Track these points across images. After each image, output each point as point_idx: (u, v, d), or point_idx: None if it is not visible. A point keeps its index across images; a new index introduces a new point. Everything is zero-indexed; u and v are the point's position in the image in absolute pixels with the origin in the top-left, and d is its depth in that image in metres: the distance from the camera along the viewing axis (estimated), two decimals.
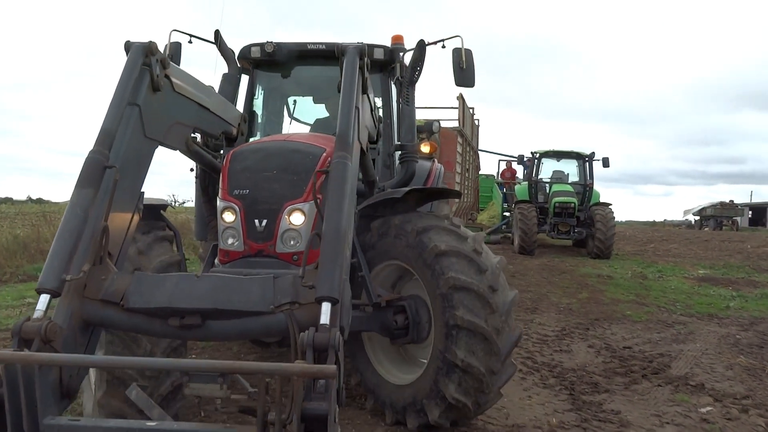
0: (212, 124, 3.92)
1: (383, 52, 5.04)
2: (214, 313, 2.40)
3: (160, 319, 2.43)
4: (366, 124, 3.42)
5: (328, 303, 2.20)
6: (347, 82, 2.97)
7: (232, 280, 2.49)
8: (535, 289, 10.76)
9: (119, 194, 2.70)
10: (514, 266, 14.16)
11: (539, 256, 16.53)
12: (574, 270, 13.63)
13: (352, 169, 2.77)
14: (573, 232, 17.27)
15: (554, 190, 17.74)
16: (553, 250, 18.70)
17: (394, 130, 5.21)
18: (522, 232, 16.70)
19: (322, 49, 5.03)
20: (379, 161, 5.15)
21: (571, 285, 11.32)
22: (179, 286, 2.46)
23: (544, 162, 19.15)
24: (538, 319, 8.13)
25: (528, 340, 6.89)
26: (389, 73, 5.22)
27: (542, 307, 8.98)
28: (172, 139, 3.35)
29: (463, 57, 4.76)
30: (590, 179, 18.19)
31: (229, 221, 3.51)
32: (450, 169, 11.15)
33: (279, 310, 2.36)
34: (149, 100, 2.98)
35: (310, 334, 2.03)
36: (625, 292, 10.67)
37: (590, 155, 18.31)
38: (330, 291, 2.22)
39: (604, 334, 7.32)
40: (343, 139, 2.76)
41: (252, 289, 2.43)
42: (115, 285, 2.45)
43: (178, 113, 3.34)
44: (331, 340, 2.01)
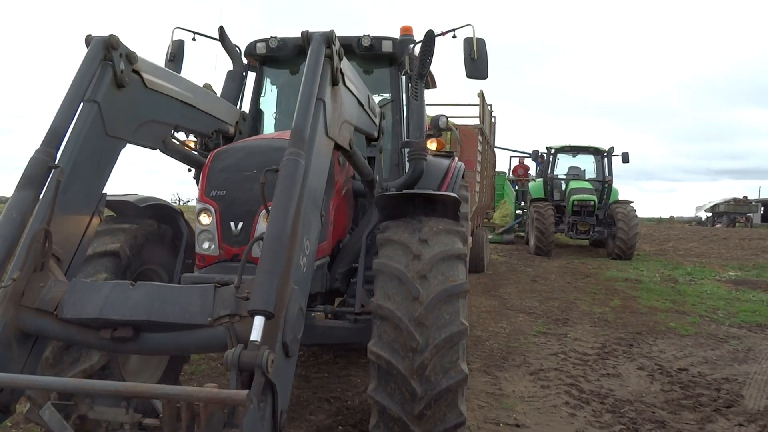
0: (200, 122, 3.75)
1: (392, 44, 4.80)
2: (148, 325, 2.25)
3: (94, 330, 2.29)
4: (347, 120, 3.11)
5: (261, 317, 1.99)
6: (309, 73, 2.63)
7: (170, 290, 2.34)
8: (562, 296, 9.88)
9: (72, 195, 2.59)
10: (533, 269, 13.28)
11: (557, 257, 15.64)
12: (598, 273, 12.73)
13: (312, 168, 2.48)
14: (593, 232, 16.34)
15: (572, 187, 16.80)
16: (570, 250, 17.78)
17: (404, 126, 4.95)
18: (538, 232, 15.80)
19: None
20: (387, 159, 4.92)
21: (599, 291, 10.43)
22: (112, 295, 2.29)
23: (559, 158, 18.23)
24: (573, 332, 7.25)
25: (566, 360, 6.02)
26: (399, 66, 4.95)
27: (573, 318, 8.10)
28: (145, 138, 3.20)
29: (474, 47, 4.51)
30: (609, 175, 17.25)
31: (204, 224, 3.30)
32: (471, 168, 10.32)
33: (218, 323, 2.17)
34: (112, 97, 2.81)
35: (235, 353, 1.86)
36: (659, 298, 9.78)
37: (609, 150, 17.35)
38: (263, 304, 2.01)
39: (651, 351, 6.43)
40: (297, 135, 2.44)
41: (190, 300, 2.25)
42: (51, 293, 2.31)
43: (152, 111, 3.18)
44: (258, 360, 1.83)
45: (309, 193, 2.44)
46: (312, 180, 2.46)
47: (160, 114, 3.28)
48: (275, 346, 1.99)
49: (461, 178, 5.78)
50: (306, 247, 2.36)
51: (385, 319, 3.03)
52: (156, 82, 3.15)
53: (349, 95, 3.14)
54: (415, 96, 4.60)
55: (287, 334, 2.07)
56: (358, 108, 3.43)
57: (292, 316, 2.11)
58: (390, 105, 5.08)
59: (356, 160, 3.66)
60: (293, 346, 2.13)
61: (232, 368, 1.84)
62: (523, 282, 11.37)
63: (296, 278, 2.22)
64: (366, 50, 4.80)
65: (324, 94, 2.65)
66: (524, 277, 11.95)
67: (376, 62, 5.07)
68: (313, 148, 2.51)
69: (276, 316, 2.02)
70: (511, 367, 5.75)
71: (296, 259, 2.24)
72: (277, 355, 1.97)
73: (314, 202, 2.54)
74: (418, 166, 4.51)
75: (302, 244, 2.31)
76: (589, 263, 14.49)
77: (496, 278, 11.77)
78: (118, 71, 2.81)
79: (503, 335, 7.05)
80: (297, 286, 2.20)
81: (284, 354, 2.07)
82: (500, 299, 9.41)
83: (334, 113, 2.81)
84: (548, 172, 17.82)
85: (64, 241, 2.56)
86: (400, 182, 4.63)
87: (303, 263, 2.32)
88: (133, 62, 2.92)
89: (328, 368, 5.60)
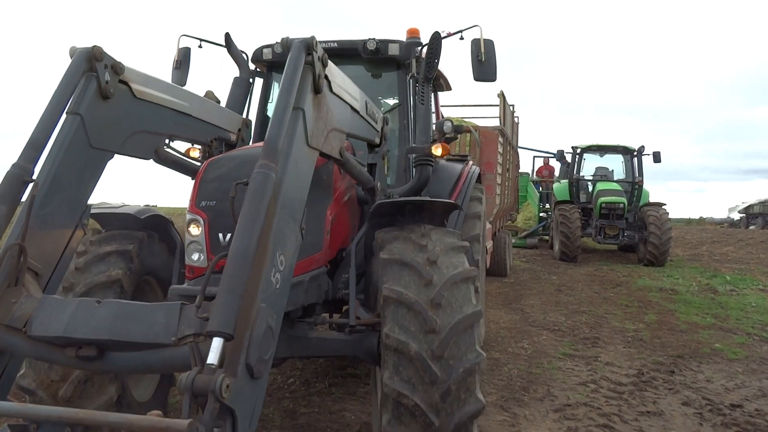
0: (197, 130, 3.73)
1: (398, 47, 4.77)
2: (112, 344, 2.19)
3: (61, 348, 2.24)
4: (336, 127, 3.00)
5: (219, 339, 1.89)
6: (285, 82, 2.50)
7: (136, 308, 2.28)
8: (590, 308, 9.00)
9: (52, 209, 2.60)
10: (558, 277, 12.40)
11: (583, 264, 14.71)
12: (629, 282, 11.79)
13: (289, 179, 2.40)
14: (622, 236, 15.34)
15: (599, 189, 15.83)
16: (597, 255, 16.80)
17: (410, 131, 4.89)
18: (564, 236, 14.88)
19: (335, 48, 4.80)
20: (394, 165, 4.93)
21: (631, 303, 9.52)
22: (77, 313, 2.24)
23: (586, 158, 17.26)
24: (604, 355, 6.39)
25: (597, 391, 5.19)
26: (406, 69, 4.91)
27: (604, 337, 7.23)
28: (135, 148, 3.19)
29: (482, 48, 4.45)
30: (639, 176, 16.25)
31: (194, 235, 3.21)
32: (491, 171, 10.13)
33: (182, 343, 2.07)
34: (97, 109, 2.80)
35: (189, 377, 1.78)
36: (699, 312, 8.85)
37: (639, 149, 16.34)
38: (221, 325, 1.90)
39: (696, 380, 5.56)
40: (269, 147, 2.33)
41: (155, 319, 2.18)
42: (21, 310, 2.29)
43: (142, 121, 3.16)
44: (212, 385, 1.75)
45: (284, 206, 2.33)
46: (289, 192, 2.36)
47: (152, 124, 3.26)
48: (237, 368, 1.91)
49: (475, 182, 5.75)
50: (280, 263, 2.26)
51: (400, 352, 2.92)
52: (146, 92, 3.13)
53: (338, 102, 3.02)
54: (421, 100, 4.52)
55: (252, 355, 1.97)
56: (352, 114, 3.33)
57: (258, 336, 2.01)
58: (397, 109, 4.98)
59: (350, 167, 3.54)
60: (260, 367, 2.02)
61: (185, 393, 1.78)
62: (547, 292, 10.50)
63: (265, 296, 2.13)
64: (372, 54, 4.77)
65: (303, 102, 2.53)
66: (548, 287, 11.08)
67: (383, 66, 5.03)
68: (290, 160, 2.40)
69: (239, 337, 1.95)
70: (532, 400, 4.94)
71: (266, 276, 2.14)
72: (239, 377, 1.90)
73: (291, 215, 2.41)
74: (424, 172, 4.43)
75: (274, 259, 2.21)
76: (619, 270, 13.53)
77: (517, 287, 10.92)
78: (103, 82, 2.79)
79: (524, 358, 6.23)
80: (266, 304, 2.10)
81: (249, 376, 1.97)
82: (522, 313, 8.57)
83: (317, 122, 2.70)
84: (574, 172, 16.87)
85: (43, 255, 2.54)
86: (405, 188, 4.53)
87: (275, 280, 2.21)
88: (119, 73, 2.90)
89: (320, 401, 4.86)
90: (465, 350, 2.93)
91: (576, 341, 6.99)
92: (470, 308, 3.03)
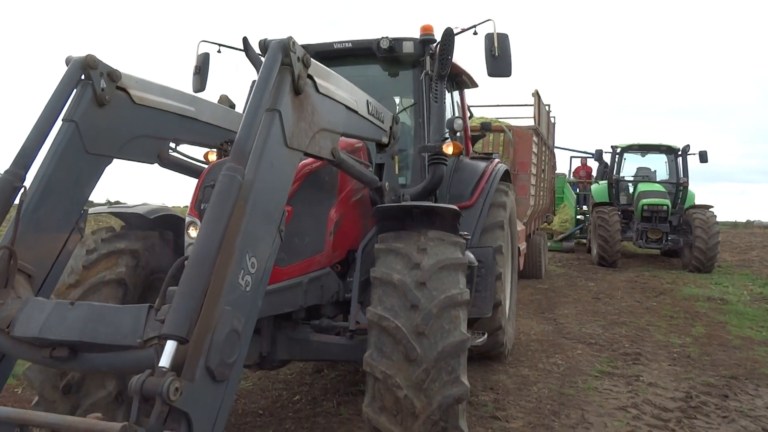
0: (204, 134, 3.79)
1: (412, 45, 4.73)
2: (83, 345, 2.23)
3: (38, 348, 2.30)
4: (326, 128, 2.96)
5: (173, 342, 1.89)
6: (259, 83, 2.44)
7: (106, 310, 2.30)
8: (631, 319, 8.30)
9: (46, 213, 2.69)
10: (596, 283, 11.67)
11: (623, 269, 13.90)
12: (673, 289, 10.99)
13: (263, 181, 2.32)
14: (666, 241, 14.44)
15: (641, 190, 14.95)
16: (639, 260, 15.92)
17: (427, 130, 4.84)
18: (602, 240, 14.08)
19: (349, 48, 4.87)
20: (410, 165, 4.93)
21: (676, 313, 8.77)
22: (52, 315, 2.30)
23: (626, 157, 16.38)
24: (646, 374, 5.75)
25: (639, 419, 4.58)
26: (421, 67, 4.84)
27: (647, 352, 6.56)
28: (135, 153, 3.28)
29: (495, 43, 4.39)
30: (684, 177, 15.31)
31: (192, 237, 3.21)
32: (524, 171, 10.08)
33: (148, 345, 2.09)
34: (92, 115, 2.89)
35: (139, 380, 1.79)
36: (753, 325, 8.07)
37: (684, 148, 15.40)
38: (174, 328, 1.90)
39: (754, 407, 4.88)
40: (238, 149, 2.28)
41: (123, 321, 2.21)
42: (6, 311, 2.36)
43: (142, 126, 3.26)
44: (159, 389, 1.74)
45: (256, 208, 2.28)
46: (262, 194, 2.32)
47: (153, 129, 3.33)
48: (195, 371, 1.90)
49: (499, 180, 5.63)
50: (250, 265, 2.22)
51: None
52: (145, 98, 3.22)
53: (327, 102, 2.96)
54: (435, 98, 4.48)
55: (212, 358, 1.96)
56: (348, 114, 3.27)
57: (220, 340, 1.99)
58: (413, 108, 4.95)
59: (348, 168, 3.46)
60: (222, 371, 2.01)
61: (134, 396, 1.77)
62: (584, 300, 9.82)
63: (231, 298, 2.10)
64: (386, 53, 4.74)
65: (280, 104, 2.50)
66: (585, 294, 10.38)
67: (399, 64, 4.98)
68: (263, 161, 2.37)
69: (199, 340, 1.94)
70: (564, 428, 4.36)
71: (231, 278, 2.11)
72: (198, 381, 1.89)
73: (265, 216, 2.36)
74: (437, 171, 4.40)
75: (242, 262, 2.17)
76: (662, 277, 12.69)
77: (551, 294, 10.26)
78: (98, 90, 2.89)
79: (556, 376, 5.64)
80: (231, 306, 2.07)
81: (210, 379, 1.95)
82: (555, 323, 7.93)
83: (299, 123, 2.66)
84: (613, 173, 16.02)
85: (37, 258, 2.63)
86: (418, 188, 4.48)
87: (244, 282, 2.17)
88: (115, 80, 2.99)
89: (325, 422, 4.39)
90: (447, 380, 2.92)
91: (615, 357, 6.35)
92: (457, 336, 2.99)
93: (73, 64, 2.83)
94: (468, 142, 6.33)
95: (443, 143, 4.44)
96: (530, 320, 8.06)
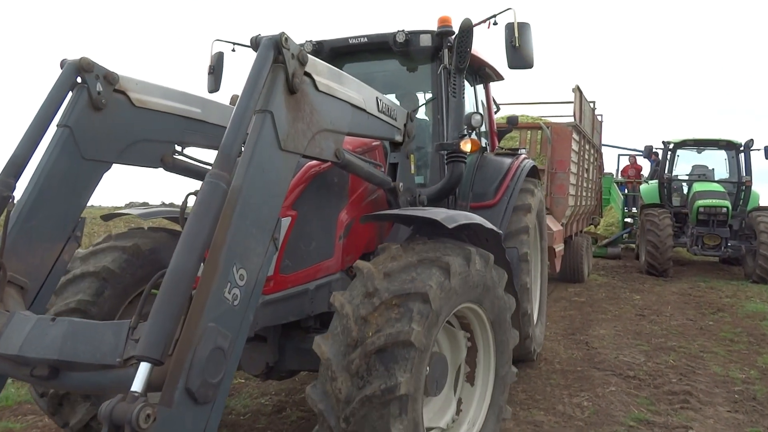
0: (213, 136, 3.59)
1: (430, 38, 4.57)
2: (61, 364, 2.19)
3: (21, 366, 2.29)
4: (327, 128, 2.79)
5: (147, 364, 1.81)
6: (248, 83, 2.31)
7: (86, 327, 2.24)
8: (681, 343, 6.91)
9: (40, 222, 2.65)
10: (642, 296, 10.23)
11: (676, 279, 12.34)
12: (734, 305, 9.45)
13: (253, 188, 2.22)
14: (725, 247, 12.77)
15: (696, 191, 13.32)
16: (694, 269, 14.26)
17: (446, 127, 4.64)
18: (651, 246, 12.56)
19: (365, 43, 4.79)
20: (429, 163, 4.80)
21: (738, 336, 7.32)
22: (32, 332, 2.25)
23: (680, 154, 14.72)
24: (698, 425, 4.44)
25: None
26: (440, 61, 4.66)
27: (699, 391, 5.22)
28: (136, 158, 3.19)
29: (516, 33, 4.20)
30: (747, 175, 13.59)
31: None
32: (563, 169, 9.65)
33: (128, 364, 2.02)
34: (88, 120, 2.85)
35: (109, 405, 1.73)
36: None
37: (747, 143, 13.68)
38: (148, 349, 1.81)
39: None
40: (223, 154, 2.17)
41: (104, 338, 2.15)
42: None
43: (143, 130, 3.17)
44: (129, 416, 1.67)
45: (244, 217, 2.16)
46: (252, 201, 2.20)
47: (155, 132, 3.25)
48: (174, 394, 1.80)
49: (525, 177, 5.48)
50: (239, 278, 2.10)
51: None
52: (147, 100, 3.16)
53: (329, 101, 2.82)
54: (453, 93, 4.40)
55: (193, 378, 1.84)
56: (354, 113, 3.11)
57: (201, 359, 1.87)
58: (432, 104, 4.78)
59: (355, 168, 3.31)
60: (205, 392, 1.89)
61: (103, 423, 1.72)
62: (626, 317, 8.44)
63: (216, 314, 1.98)
64: (403, 47, 4.58)
65: (272, 104, 2.36)
66: (628, 310, 8.98)
67: (416, 59, 4.81)
68: (252, 166, 2.23)
69: (179, 360, 1.84)
70: None
71: (216, 293, 1.99)
72: (176, 404, 1.80)
73: (256, 225, 2.23)
74: (456, 170, 4.28)
75: (228, 274, 2.05)
76: (721, 289, 11.11)
77: (588, 309, 8.92)
78: (94, 93, 2.84)
79: (578, 425, 4.40)
80: (216, 323, 1.95)
81: (191, 401, 1.85)
82: (587, 348, 6.63)
83: (295, 123, 2.52)
84: (665, 171, 14.40)
85: (31, 269, 2.59)
86: (436, 188, 4.34)
87: (231, 296, 2.05)
88: (113, 83, 2.95)
89: None
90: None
91: (657, 397, 5.05)
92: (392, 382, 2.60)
93: (67, 67, 2.78)
94: (494, 137, 6.15)
95: (461, 140, 4.21)
96: (557, 343, 6.79)
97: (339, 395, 2.56)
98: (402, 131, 3.89)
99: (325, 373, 2.64)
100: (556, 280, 11.76)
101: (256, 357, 3.41)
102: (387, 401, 2.52)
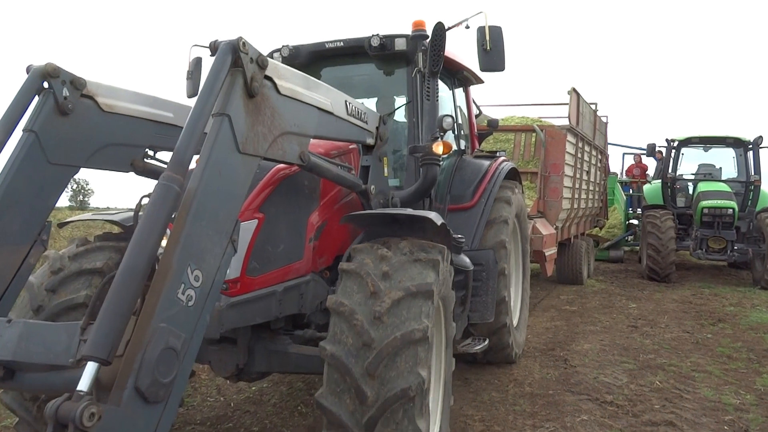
0: None
1: (405, 42, 4.60)
2: (15, 365, 2.26)
3: None
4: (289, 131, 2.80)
5: (94, 364, 1.81)
6: (205, 87, 2.33)
7: (41, 328, 2.31)
8: (671, 360, 6.23)
9: (4, 226, 2.66)
10: (639, 304, 9.55)
11: (678, 285, 11.62)
12: (737, 314, 8.74)
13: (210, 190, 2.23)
14: (731, 251, 12.01)
15: (701, 191, 12.57)
16: (700, 273, 13.50)
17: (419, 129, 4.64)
18: (652, 250, 11.85)
19: (341, 47, 4.80)
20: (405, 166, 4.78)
21: (736, 352, 6.63)
22: None
23: (684, 152, 13.97)
24: None
25: None
26: (414, 64, 4.64)
27: (685, 420, 4.56)
28: (105, 162, 3.23)
29: (487, 37, 4.27)
30: (756, 174, 12.81)
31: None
32: (556, 173, 9.47)
33: (80, 365, 1.96)
34: (55, 125, 2.87)
35: (55, 404, 1.72)
36: None
37: (756, 140, 12.91)
38: (94, 349, 1.81)
39: None
40: (176, 157, 2.18)
41: (57, 339, 2.21)
42: None
43: (112, 134, 3.21)
44: (72, 414, 1.67)
45: (200, 218, 2.17)
46: (208, 203, 2.20)
47: (124, 136, 3.27)
48: (122, 393, 1.81)
49: (504, 179, 5.58)
50: (194, 279, 2.10)
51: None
52: (115, 105, 3.18)
53: (292, 104, 2.83)
54: (427, 96, 4.37)
55: (143, 378, 1.85)
56: (321, 116, 3.12)
57: (152, 358, 1.88)
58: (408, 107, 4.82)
59: (322, 171, 3.29)
60: (155, 391, 1.90)
61: (49, 422, 1.72)
62: (616, 329, 7.77)
63: (168, 315, 1.99)
64: (378, 50, 4.64)
65: (229, 108, 2.36)
66: (620, 320, 8.30)
67: (392, 62, 4.89)
68: (208, 168, 2.23)
69: (129, 359, 1.85)
70: None
71: (168, 293, 1.99)
72: (125, 403, 1.81)
73: (212, 227, 2.22)
74: (430, 172, 4.23)
75: (182, 275, 2.05)
76: (725, 296, 10.38)
77: (576, 320, 8.26)
78: (60, 98, 2.86)
79: None
80: (168, 323, 1.96)
81: (141, 400, 1.85)
82: (564, 366, 5.98)
83: (254, 127, 2.52)
84: (669, 170, 13.67)
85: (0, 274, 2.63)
86: (410, 190, 4.35)
87: (185, 297, 2.05)
88: (80, 88, 2.97)
89: None
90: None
91: (635, 428, 4.40)
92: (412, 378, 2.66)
93: (33, 72, 2.80)
94: (474, 140, 6.20)
95: (433, 143, 4.22)
96: (533, 360, 6.15)
97: (357, 398, 2.58)
98: (374, 134, 3.96)
99: (337, 377, 2.65)
100: (555, 282, 11.23)
101: (225, 359, 3.45)
102: (411, 398, 2.58)
